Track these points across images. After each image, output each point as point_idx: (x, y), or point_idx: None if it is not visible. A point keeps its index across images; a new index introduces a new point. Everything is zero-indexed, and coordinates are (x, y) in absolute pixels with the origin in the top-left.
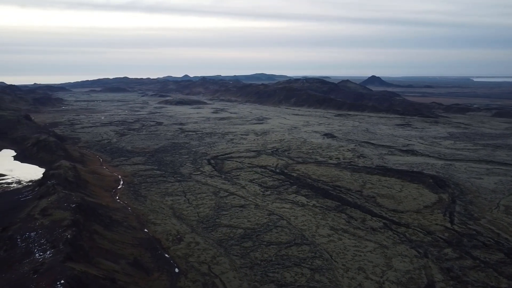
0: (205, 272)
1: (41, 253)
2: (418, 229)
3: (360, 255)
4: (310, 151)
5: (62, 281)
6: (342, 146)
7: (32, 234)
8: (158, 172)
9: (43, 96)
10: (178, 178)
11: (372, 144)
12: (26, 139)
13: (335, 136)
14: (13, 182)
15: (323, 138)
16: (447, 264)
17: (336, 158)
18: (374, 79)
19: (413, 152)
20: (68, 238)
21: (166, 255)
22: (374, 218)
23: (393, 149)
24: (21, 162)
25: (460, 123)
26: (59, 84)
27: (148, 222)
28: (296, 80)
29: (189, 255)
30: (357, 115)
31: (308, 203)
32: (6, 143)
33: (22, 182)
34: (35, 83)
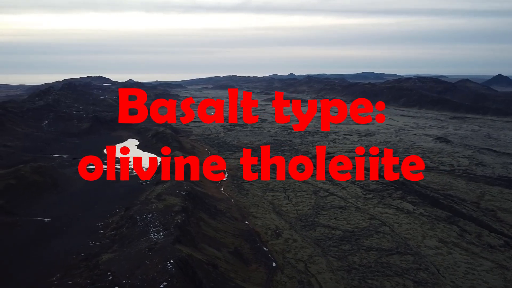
0: (302, 269)
1: (155, 234)
2: None
3: (474, 274)
4: (419, 155)
5: (172, 261)
6: (457, 152)
7: (149, 215)
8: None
9: (163, 92)
10: None
11: (495, 151)
12: (147, 131)
13: (449, 141)
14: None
15: (435, 142)
16: None
17: (449, 164)
18: (500, 79)
19: None
20: (178, 223)
21: (265, 248)
22: (493, 234)
23: None
24: (143, 150)
25: None
26: (176, 81)
27: (249, 215)
28: (407, 79)
29: (286, 251)
30: (477, 118)
31: (415, 211)
32: (132, 133)
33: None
34: (156, 80)
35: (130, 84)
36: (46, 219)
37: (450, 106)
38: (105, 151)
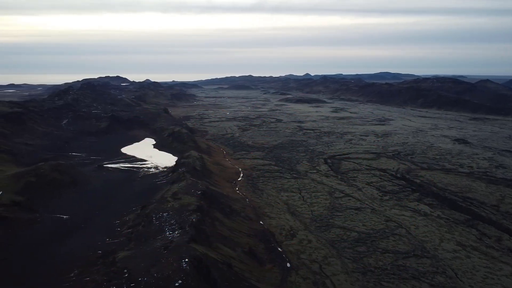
0: (316, 271)
1: (170, 232)
2: None
3: (493, 278)
4: (437, 157)
5: (187, 260)
6: (477, 154)
7: (165, 214)
8: (275, 167)
9: (179, 92)
10: (294, 175)
11: None
12: (163, 130)
13: (468, 142)
14: (152, 167)
15: (454, 143)
16: None
17: (468, 166)
18: None
19: None
20: (193, 222)
21: (279, 249)
22: None
23: None
24: (159, 150)
25: None
26: (192, 81)
27: (264, 215)
28: (425, 79)
29: (301, 251)
30: (497, 119)
31: (432, 213)
32: (148, 133)
33: (158, 167)
34: (173, 80)
35: (147, 84)
36: (64, 216)
37: (470, 107)
38: (122, 150)
